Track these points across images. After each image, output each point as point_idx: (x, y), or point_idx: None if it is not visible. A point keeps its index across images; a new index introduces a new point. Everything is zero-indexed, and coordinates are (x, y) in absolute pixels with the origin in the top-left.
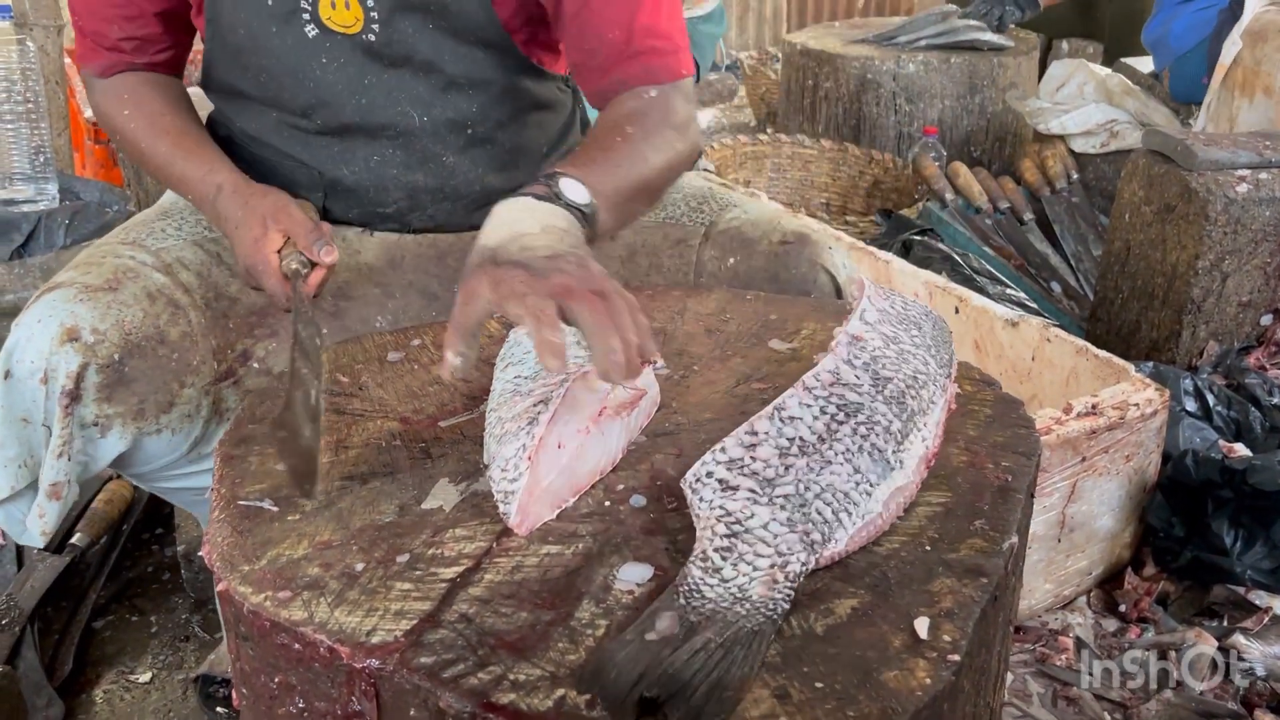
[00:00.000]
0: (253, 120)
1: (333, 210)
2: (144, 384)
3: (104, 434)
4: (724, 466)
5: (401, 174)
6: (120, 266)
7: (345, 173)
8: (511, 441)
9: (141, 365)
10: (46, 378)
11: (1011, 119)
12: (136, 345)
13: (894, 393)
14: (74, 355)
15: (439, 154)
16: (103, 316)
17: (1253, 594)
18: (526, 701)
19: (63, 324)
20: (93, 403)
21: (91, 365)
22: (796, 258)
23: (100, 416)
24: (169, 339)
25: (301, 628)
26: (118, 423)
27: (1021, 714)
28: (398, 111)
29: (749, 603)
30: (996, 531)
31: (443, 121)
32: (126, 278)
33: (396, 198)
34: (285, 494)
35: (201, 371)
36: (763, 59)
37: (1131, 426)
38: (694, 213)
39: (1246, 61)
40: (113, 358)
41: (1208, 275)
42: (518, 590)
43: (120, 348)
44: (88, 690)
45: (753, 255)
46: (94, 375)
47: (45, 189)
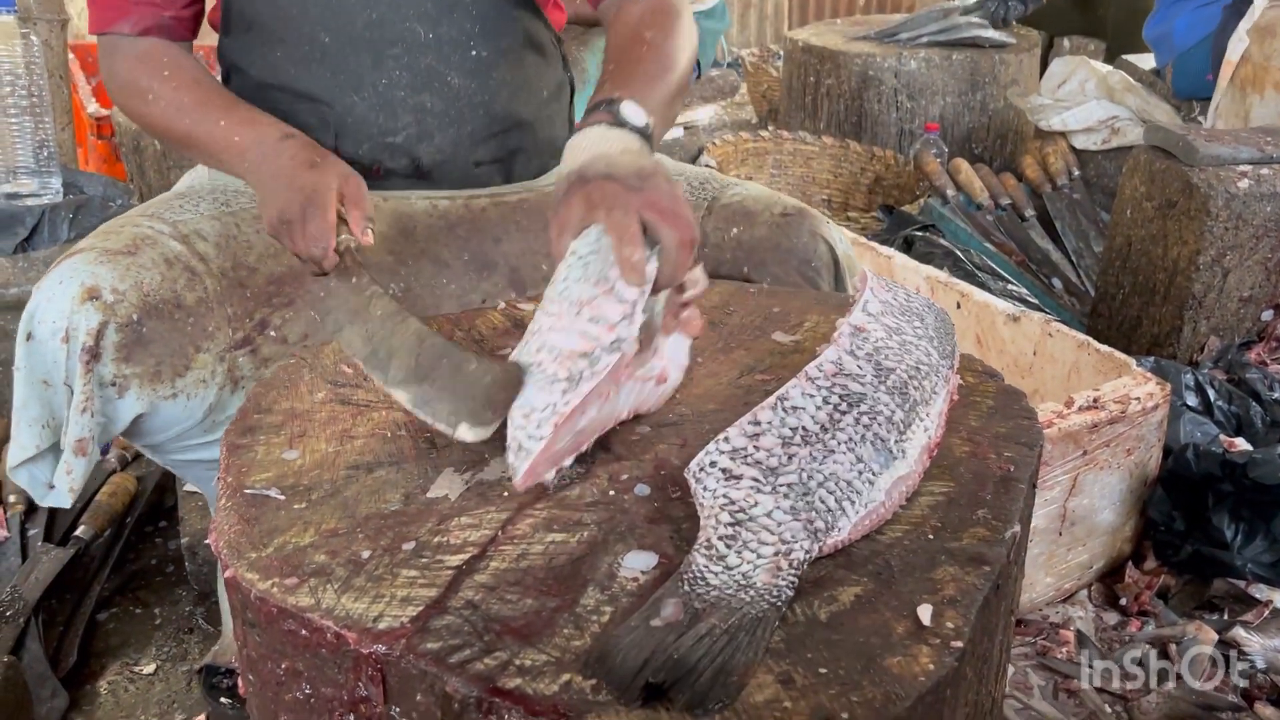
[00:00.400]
0: (265, 58)
1: (343, 148)
2: (161, 346)
3: (121, 394)
4: (728, 456)
5: (409, 95)
6: (139, 234)
7: (355, 100)
8: (545, 391)
9: (159, 327)
10: (68, 336)
11: (1013, 116)
12: (154, 307)
13: (896, 383)
14: (94, 313)
15: (444, 74)
16: (122, 277)
17: (1253, 587)
18: (532, 686)
19: (83, 284)
20: (111, 362)
21: (111, 324)
22: (798, 228)
23: (118, 376)
24: (185, 304)
25: (308, 614)
26: (135, 383)
27: (1022, 706)
28: (405, 27)
29: (753, 590)
30: (999, 521)
31: (447, 39)
32: (145, 244)
33: (405, 123)
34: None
35: (217, 337)
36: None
37: (1133, 420)
38: (697, 191)
39: (1255, 57)
40: (131, 317)
41: (1209, 270)
42: (523, 577)
43: (139, 308)
44: (92, 681)
45: (755, 226)
46: (113, 334)
47: (49, 183)
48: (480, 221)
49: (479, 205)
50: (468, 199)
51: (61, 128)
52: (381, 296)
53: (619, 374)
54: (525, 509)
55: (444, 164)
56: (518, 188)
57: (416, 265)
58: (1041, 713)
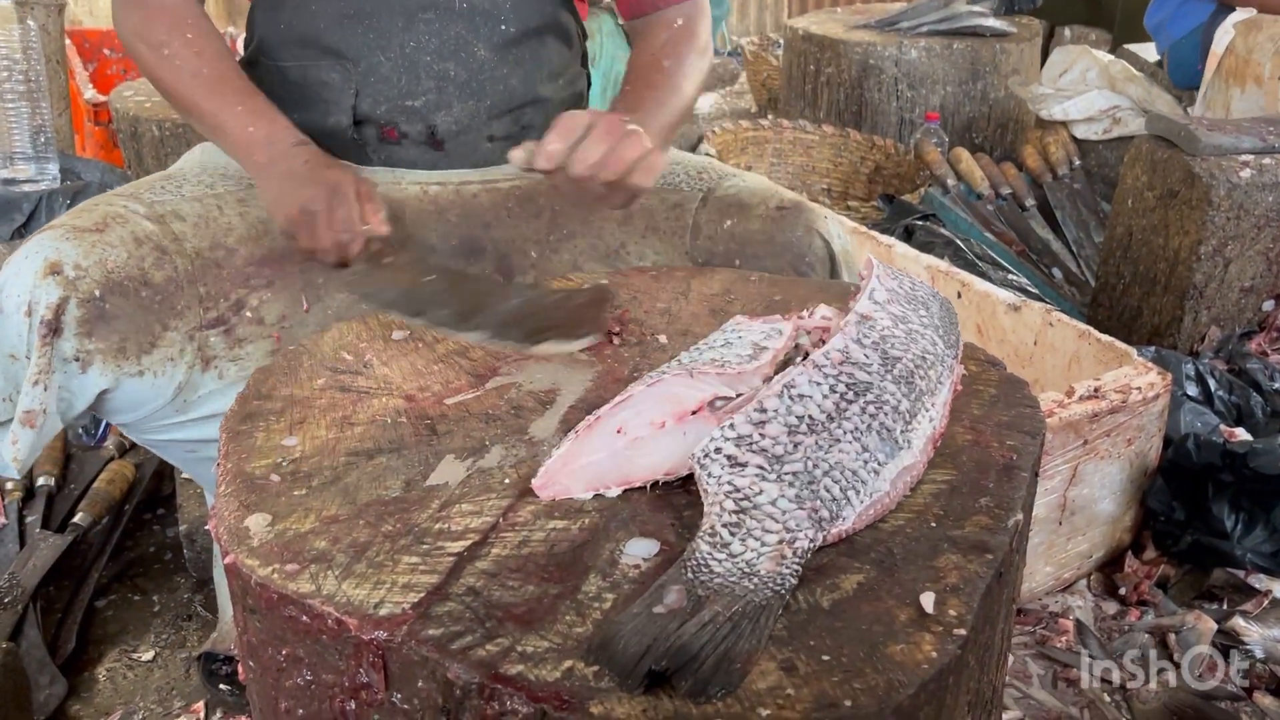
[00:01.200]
0: (298, 10)
1: (361, 106)
2: (125, 322)
3: (84, 369)
4: (733, 443)
5: (434, 61)
6: (110, 213)
7: (381, 58)
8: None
9: (123, 304)
10: (30, 310)
11: (1014, 105)
12: (118, 284)
13: (903, 372)
14: (54, 288)
15: (471, 43)
16: (86, 254)
17: (1253, 577)
18: (534, 673)
19: (46, 259)
20: (73, 336)
21: (72, 299)
22: (793, 222)
23: (80, 351)
24: (152, 281)
25: (309, 600)
26: (98, 359)
27: (1022, 695)
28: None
29: (757, 577)
30: (1001, 509)
31: (480, 10)
32: (115, 222)
33: (427, 88)
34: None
35: (186, 316)
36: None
37: (1133, 410)
38: (693, 180)
39: (1239, 50)
40: (93, 294)
41: (1210, 261)
42: (525, 564)
43: (101, 284)
44: (90, 669)
45: (749, 219)
46: (74, 309)
47: (46, 169)
48: (471, 207)
49: (470, 191)
50: (459, 184)
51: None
52: (422, 265)
53: (681, 416)
54: (526, 496)
55: (458, 135)
56: (510, 173)
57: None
58: (1041, 701)
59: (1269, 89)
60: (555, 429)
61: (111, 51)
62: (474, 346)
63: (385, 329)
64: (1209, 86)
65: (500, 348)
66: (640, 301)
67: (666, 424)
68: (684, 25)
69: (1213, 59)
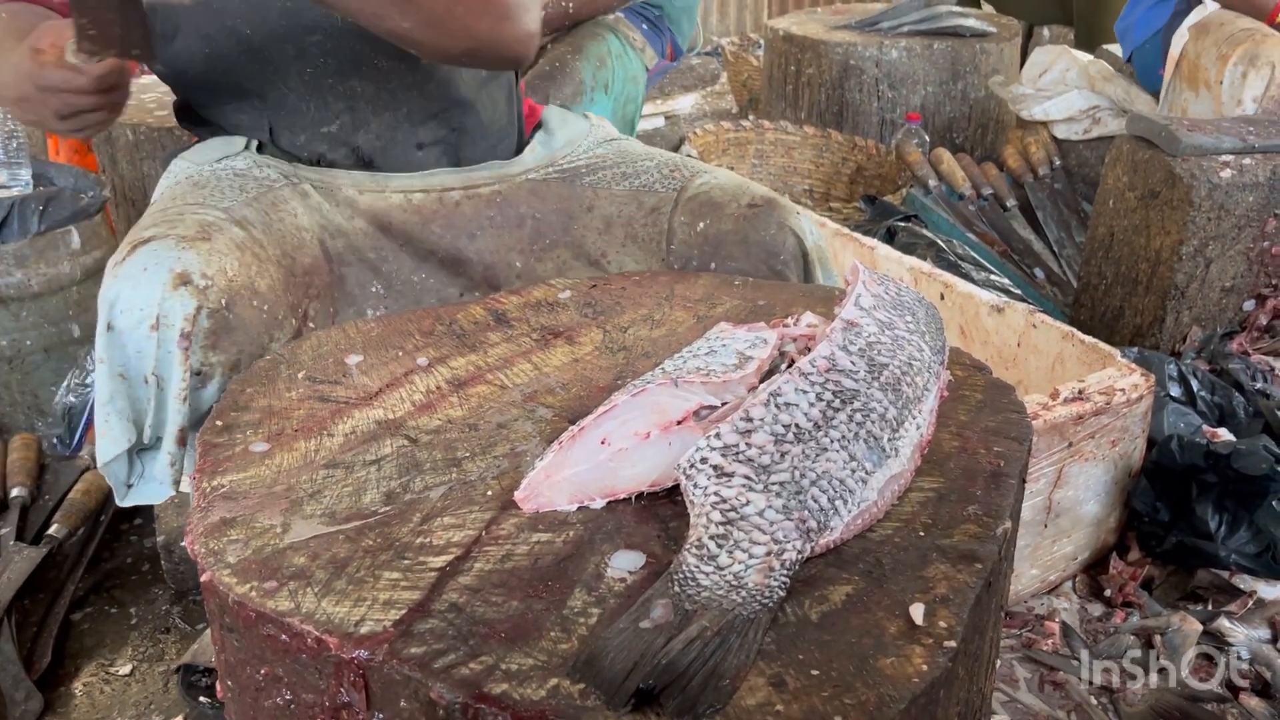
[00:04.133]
0: (196, 56)
1: (280, 141)
2: (243, 334)
3: (204, 384)
4: (719, 453)
5: (338, 81)
6: (202, 220)
7: (285, 90)
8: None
9: (243, 314)
10: (158, 324)
11: (994, 105)
12: (238, 293)
13: (889, 379)
14: (189, 299)
15: (371, 56)
16: (207, 262)
17: (1237, 578)
18: (519, 692)
19: (172, 269)
20: (199, 349)
21: (204, 309)
22: (765, 220)
23: (205, 364)
24: (259, 290)
25: (288, 618)
26: (218, 372)
27: (1009, 699)
28: (321, 13)
29: (744, 590)
30: (990, 517)
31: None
32: (213, 230)
33: (338, 110)
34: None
35: (285, 326)
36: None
37: (1117, 412)
38: (666, 180)
39: (1190, 54)
40: (221, 303)
41: (1191, 261)
42: (508, 579)
43: (226, 294)
44: (67, 683)
45: (721, 219)
46: (205, 320)
47: (19, 174)
48: (454, 217)
49: (453, 200)
50: (441, 192)
51: None
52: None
53: (666, 426)
54: (509, 508)
55: (385, 150)
56: (490, 178)
57: (396, 261)
58: (1028, 705)
59: (1215, 93)
60: (538, 439)
61: None
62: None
63: (364, 337)
64: (1167, 90)
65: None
66: (623, 307)
67: (651, 434)
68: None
69: (1170, 63)
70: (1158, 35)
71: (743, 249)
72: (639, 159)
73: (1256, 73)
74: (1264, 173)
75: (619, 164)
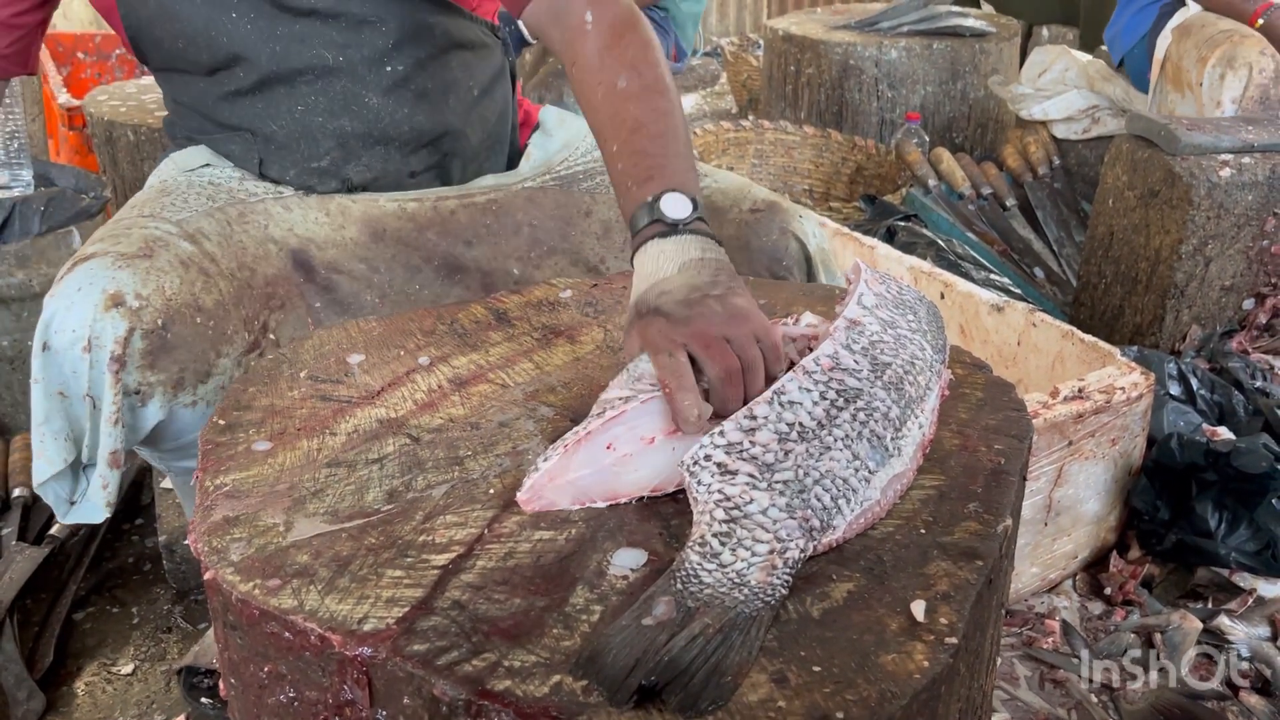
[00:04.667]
0: (185, 92)
1: (269, 173)
2: (184, 352)
3: (144, 403)
4: (723, 450)
5: (327, 121)
6: (149, 235)
7: (274, 128)
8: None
9: (183, 332)
10: (90, 346)
11: (994, 105)
12: (177, 312)
13: (892, 378)
14: (120, 320)
15: (361, 94)
16: (144, 282)
17: (1237, 576)
18: (522, 688)
19: (105, 290)
20: (135, 370)
21: (137, 331)
22: (767, 225)
23: (142, 384)
24: (204, 307)
25: (291, 616)
26: (158, 391)
27: (1009, 697)
28: (313, 55)
29: (747, 588)
30: (990, 514)
31: (359, 60)
32: (158, 246)
33: (328, 148)
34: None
35: (235, 341)
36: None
37: (1117, 410)
38: None
39: (1173, 57)
40: (156, 323)
41: (1191, 260)
42: (511, 576)
43: (163, 313)
44: (69, 682)
45: (723, 224)
46: (139, 341)
47: (20, 175)
48: (450, 224)
49: (448, 208)
50: (436, 200)
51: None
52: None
53: (670, 432)
54: (512, 506)
55: (376, 180)
56: (487, 188)
57: (390, 272)
58: (1028, 703)
59: (1196, 95)
60: (539, 438)
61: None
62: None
63: (365, 336)
64: (1154, 93)
65: None
66: (624, 307)
67: (656, 439)
68: (595, 19)
69: (1156, 65)
70: (1144, 39)
71: (744, 255)
72: None
73: (1234, 74)
74: (1263, 171)
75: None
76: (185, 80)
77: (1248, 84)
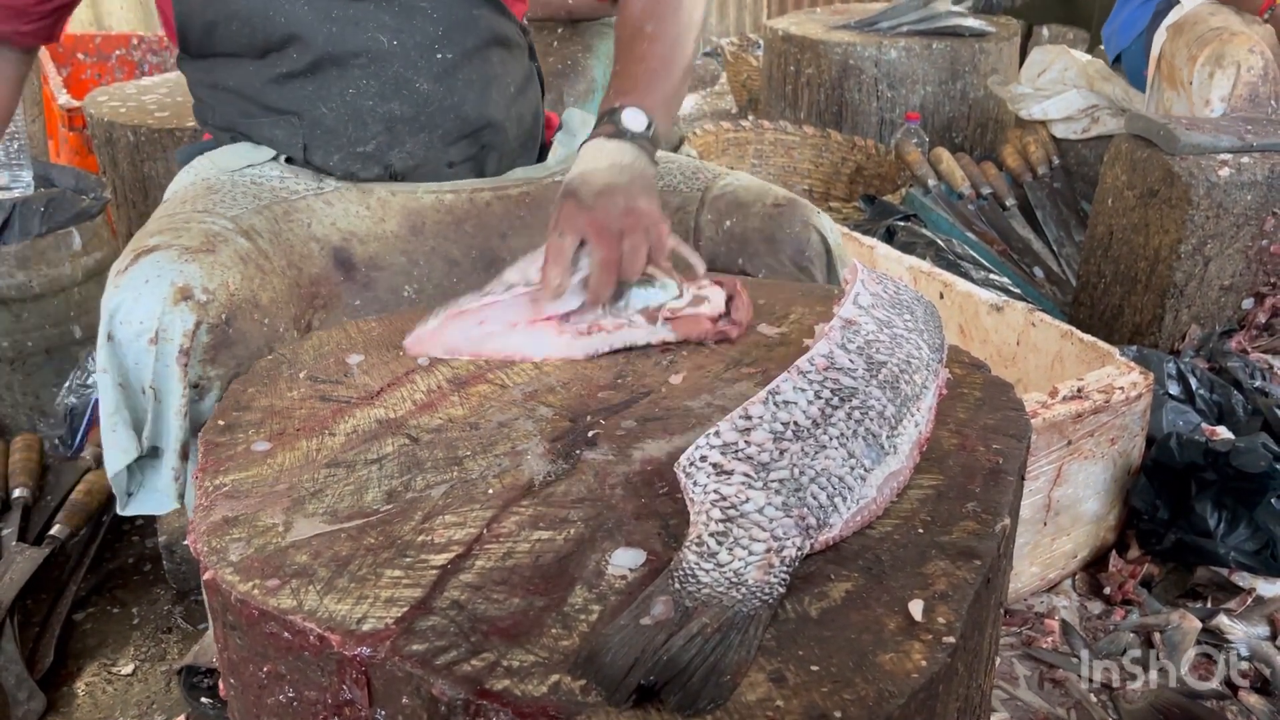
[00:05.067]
0: (230, 76)
1: (314, 159)
2: (242, 348)
3: (202, 397)
4: (718, 450)
5: (378, 104)
6: (209, 230)
7: (323, 110)
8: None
9: (243, 328)
10: (157, 338)
11: (993, 105)
12: (239, 307)
13: (888, 377)
14: (189, 314)
15: (412, 79)
16: (209, 276)
17: (1236, 575)
18: (521, 688)
19: (174, 283)
20: (198, 363)
21: (204, 324)
22: (790, 218)
23: (203, 378)
24: (261, 303)
25: (290, 616)
26: (216, 385)
27: (1008, 697)
28: (367, 38)
29: (744, 587)
30: (988, 514)
31: (412, 45)
32: (219, 241)
33: (375, 131)
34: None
35: (285, 338)
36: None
37: (1116, 410)
38: (689, 181)
39: (1167, 54)
40: (221, 318)
41: (1190, 259)
42: (509, 576)
43: (227, 308)
44: (69, 683)
45: (748, 217)
46: (204, 335)
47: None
48: (486, 217)
49: (483, 200)
50: (471, 192)
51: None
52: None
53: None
54: (510, 506)
55: (416, 168)
56: (519, 180)
57: (429, 265)
58: (1028, 703)
59: (1187, 94)
60: (538, 438)
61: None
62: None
63: (366, 337)
64: (1151, 91)
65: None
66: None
67: (519, 325)
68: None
69: (1152, 63)
70: (1141, 37)
71: (769, 246)
72: (661, 161)
73: (1223, 72)
74: (1262, 171)
75: None
76: (231, 64)
77: (1236, 82)
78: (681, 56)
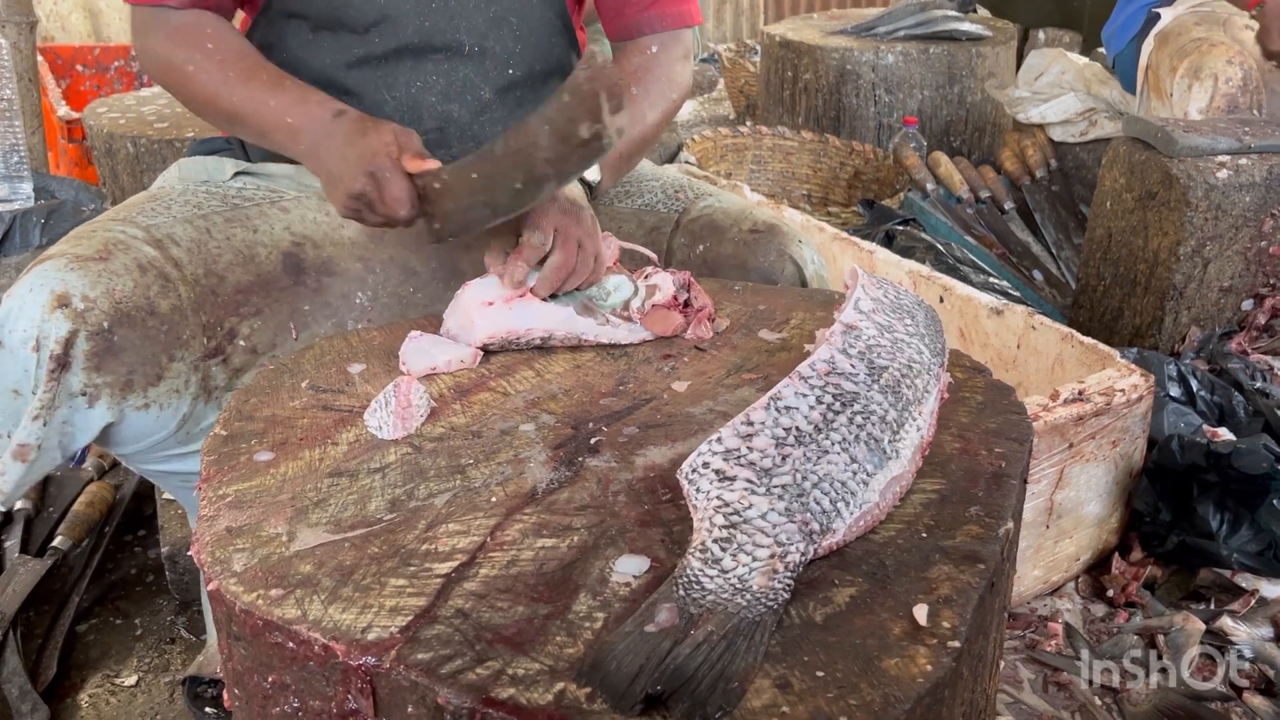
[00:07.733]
0: (300, 48)
1: None
2: (133, 354)
3: (91, 404)
4: (720, 457)
5: (439, 103)
6: (111, 239)
7: (386, 97)
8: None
9: (131, 335)
10: (38, 345)
11: (991, 108)
12: (126, 315)
13: (889, 382)
14: (64, 321)
15: (478, 87)
16: (93, 284)
17: (1239, 577)
18: (526, 696)
19: (53, 291)
20: (82, 371)
21: (81, 332)
22: (765, 247)
23: (89, 385)
24: (159, 311)
25: (295, 626)
26: (105, 393)
27: (1013, 700)
28: (453, 37)
29: (749, 593)
30: (992, 518)
31: (490, 55)
32: (117, 249)
33: (428, 128)
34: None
35: (191, 346)
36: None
37: (1117, 412)
38: (669, 200)
39: (1153, 64)
40: (102, 325)
41: (1189, 261)
42: (513, 584)
43: (110, 316)
44: (72, 695)
45: (722, 243)
46: (83, 343)
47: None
48: None
49: None
50: None
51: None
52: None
53: (509, 299)
54: (514, 514)
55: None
56: None
57: (385, 273)
58: (1032, 706)
59: (1169, 102)
60: (541, 445)
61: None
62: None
63: (366, 345)
64: (1140, 97)
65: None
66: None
67: (495, 303)
68: (658, 53)
69: (1141, 71)
70: (1133, 42)
71: (740, 274)
72: (645, 179)
73: (1200, 85)
74: (1260, 173)
75: (624, 183)
76: (305, 35)
77: (1213, 95)
78: (645, 126)
